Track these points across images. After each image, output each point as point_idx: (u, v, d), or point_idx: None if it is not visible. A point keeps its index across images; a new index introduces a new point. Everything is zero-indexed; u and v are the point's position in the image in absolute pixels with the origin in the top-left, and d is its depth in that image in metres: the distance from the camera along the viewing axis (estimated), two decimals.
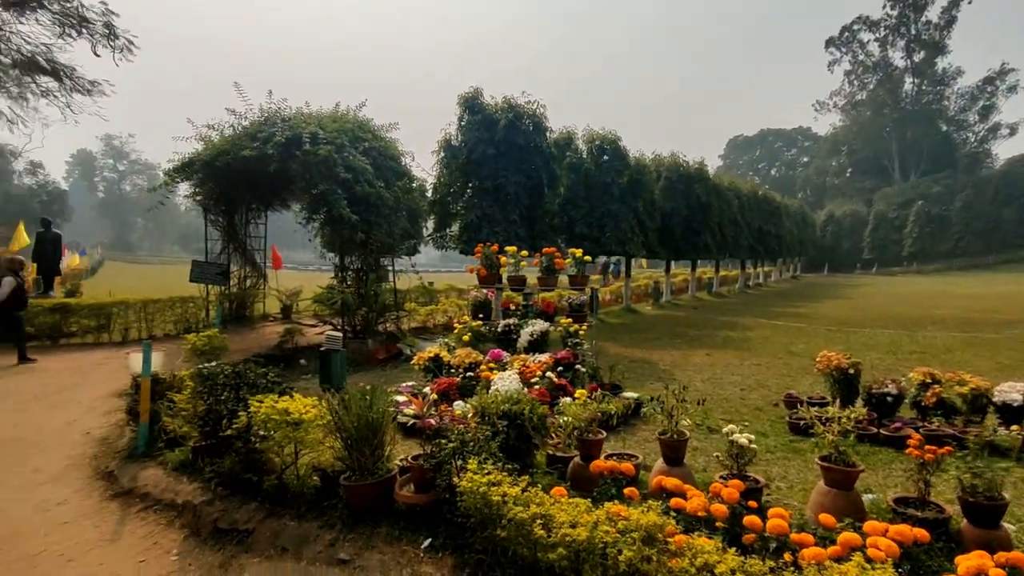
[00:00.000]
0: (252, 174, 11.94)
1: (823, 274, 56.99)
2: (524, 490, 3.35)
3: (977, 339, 13.24)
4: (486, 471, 3.47)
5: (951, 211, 58.47)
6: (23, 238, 19.22)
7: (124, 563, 3.93)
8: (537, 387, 6.48)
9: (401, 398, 6.53)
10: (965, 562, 2.77)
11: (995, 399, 5.85)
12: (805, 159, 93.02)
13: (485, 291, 9.95)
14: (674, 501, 3.42)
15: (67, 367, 9.94)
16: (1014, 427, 5.32)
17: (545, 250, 9.53)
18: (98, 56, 18.84)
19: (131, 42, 18.96)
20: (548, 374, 6.82)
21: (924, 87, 72.97)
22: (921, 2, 70.08)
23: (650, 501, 3.28)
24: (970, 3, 68.39)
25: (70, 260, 25.18)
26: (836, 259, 61.71)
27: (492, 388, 6.12)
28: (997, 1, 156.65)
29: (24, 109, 20.91)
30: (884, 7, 72.48)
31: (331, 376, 7.77)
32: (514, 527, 3.15)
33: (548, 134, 16.46)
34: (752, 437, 4.08)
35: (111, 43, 18.64)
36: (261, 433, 4.44)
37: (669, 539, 2.95)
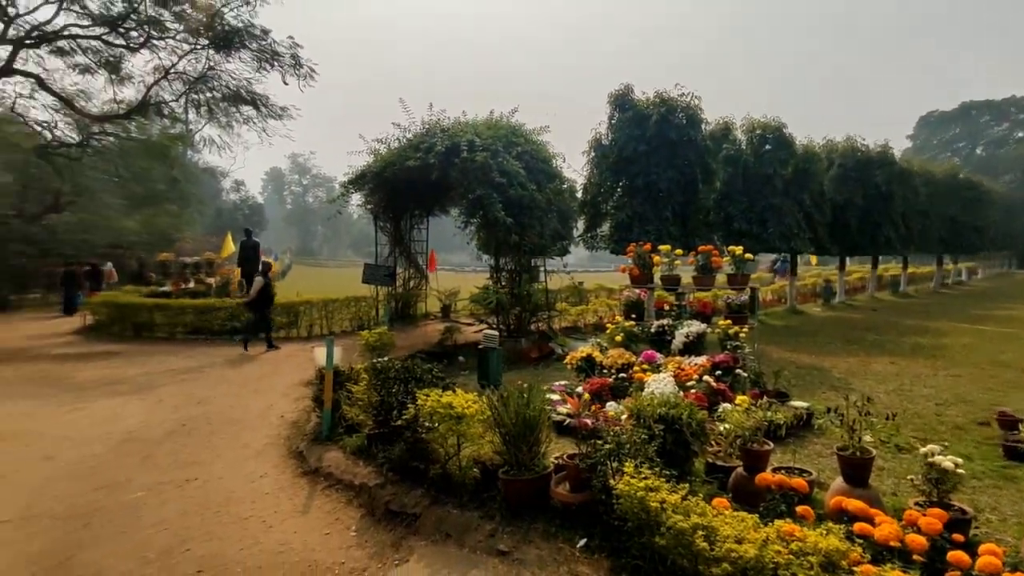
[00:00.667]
0: (416, 182, 12.81)
1: None
2: (684, 498, 3.21)
3: None
4: (643, 475, 3.38)
5: None
6: (229, 246, 22.41)
7: (312, 533, 4.41)
8: (694, 391, 6.18)
9: (555, 396, 6.59)
10: None
11: None
12: (1020, 134, 78.52)
13: (637, 291, 9.73)
14: (858, 526, 3.06)
15: (265, 359, 11.41)
16: None
17: (701, 248, 9.09)
18: (286, 84, 21.51)
19: (312, 70, 21.37)
20: (705, 378, 6.49)
21: None
22: None
23: (828, 523, 2.98)
24: None
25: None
26: None
27: (646, 390, 5.96)
28: None
29: (230, 135, 24.40)
30: None
31: (489, 373, 8.08)
32: (673, 536, 3.03)
33: (704, 126, 15.67)
34: (959, 460, 3.53)
35: (296, 72, 21.17)
36: (427, 425, 4.74)
37: (854, 568, 2.66)
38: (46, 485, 5.29)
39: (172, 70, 21.04)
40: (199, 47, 20.51)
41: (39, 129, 24.09)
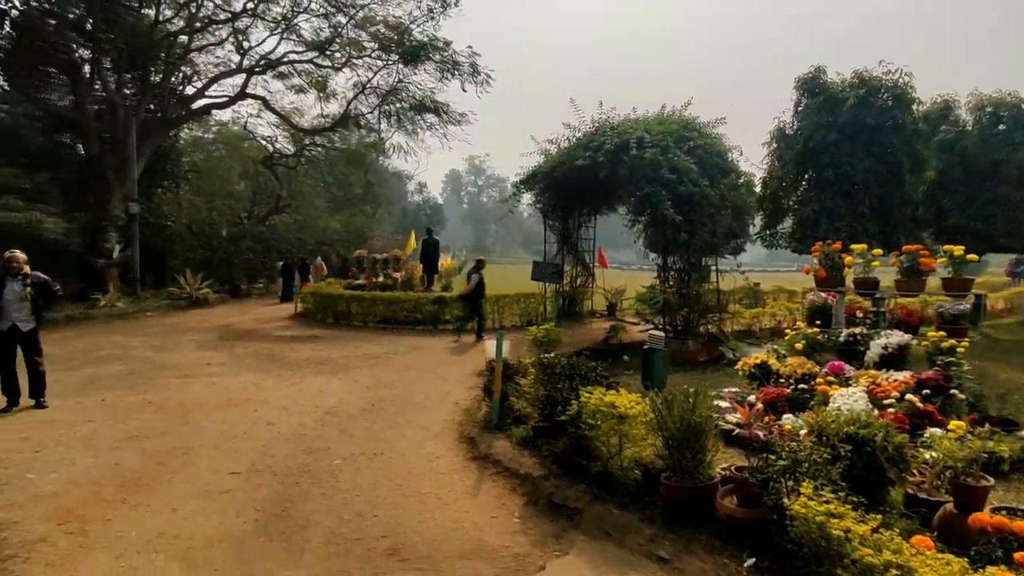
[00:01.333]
0: (584, 181, 12.92)
1: None
2: (875, 530, 2.88)
3: None
4: (823, 498, 3.09)
5: None
6: (412, 243, 24.45)
7: (481, 515, 4.70)
8: (892, 411, 5.48)
9: (723, 404, 6.27)
10: None
11: None
12: None
13: (824, 295, 8.84)
14: None
15: (444, 347, 12.31)
16: None
17: (906, 248, 7.98)
18: (465, 92, 22.95)
19: (489, 76, 22.54)
20: (908, 396, 5.70)
21: None
22: None
23: None
24: None
25: (445, 261, 31.03)
26: None
27: (831, 405, 5.42)
28: None
29: (415, 141, 26.69)
30: None
31: (652, 374, 7.92)
32: (860, 572, 2.73)
33: (915, 107, 13.71)
34: None
35: (474, 79, 22.47)
36: (590, 422, 4.79)
37: None
38: (268, 446, 6.26)
39: (368, 85, 23.55)
40: (390, 63, 22.69)
41: (264, 143, 28.53)
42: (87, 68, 18.67)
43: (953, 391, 6.03)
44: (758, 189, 15.38)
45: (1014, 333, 14.31)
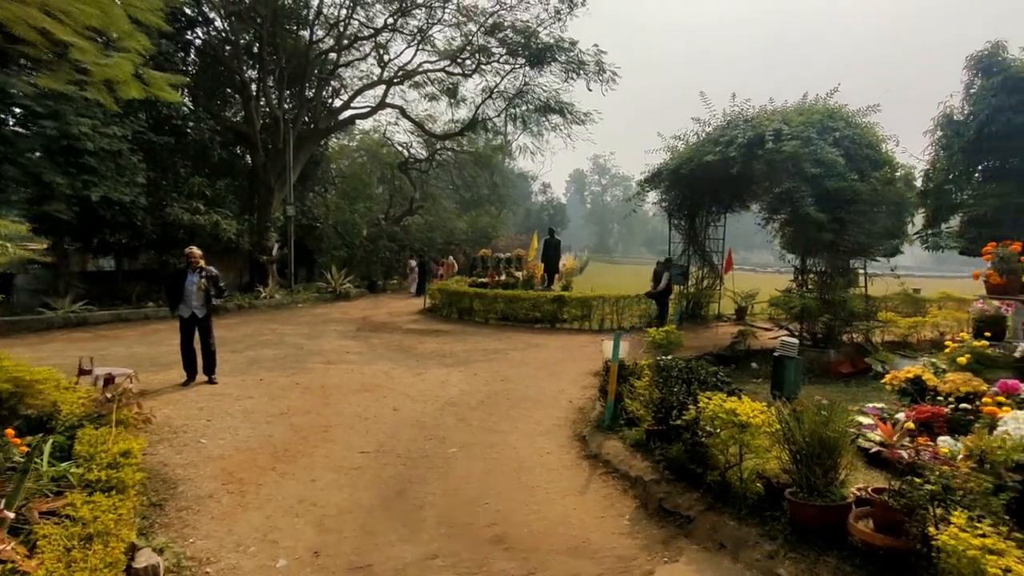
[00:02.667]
0: (714, 178, 12.32)
1: None
2: None
3: None
4: (979, 532, 2.67)
5: None
6: (535, 245, 24.75)
7: (588, 514, 4.63)
8: None
9: (866, 420, 5.67)
10: None
11: None
12: None
13: (996, 303, 7.67)
14: None
15: (561, 346, 12.33)
16: None
17: None
18: (590, 91, 22.78)
19: (615, 74, 22.19)
20: None
21: None
22: None
23: None
24: None
25: (567, 261, 31.07)
26: None
27: (998, 429, 4.68)
28: None
29: (540, 142, 26.98)
30: None
31: (783, 384, 7.36)
32: None
33: None
34: None
35: (600, 78, 22.23)
36: (707, 429, 4.54)
37: None
38: (394, 430, 6.64)
39: (495, 89, 24.18)
40: (517, 66, 23.11)
41: (400, 148, 30.37)
42: (255, 87, 21.00)
43: None
44: (918, 183, 13.72)
45: None
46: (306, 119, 22.82)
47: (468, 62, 23.66)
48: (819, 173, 9.91)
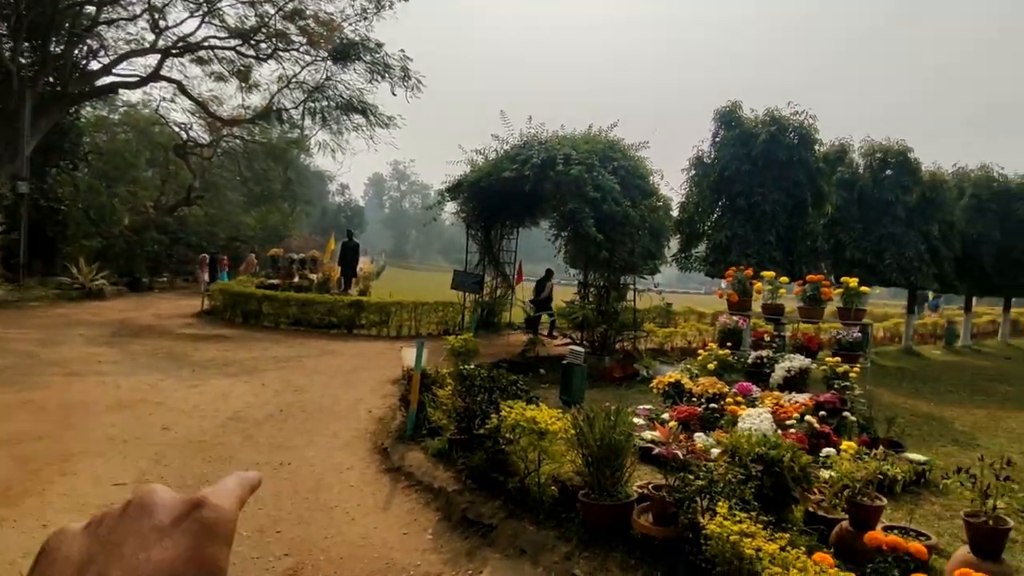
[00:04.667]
0: (509, 193, 12.94)
1: None
2: (783, 548, 2.96)
3: None
4: (737, 518, 3.16)
5: None
6: (332, 246, 23.67)
7: (391, 531, 4.50)
8: (793, 431, 5.78)
9: (639, 421, 6.39)
10: None
11: None
12: None
13: (735, 318, 9.28)
14: None
15: (358, 353, 11.88)
16: None
17: (810, 277, 8.53)
18: (395, 95, 22.55)
19: (420, 81, 22.28)
20: (808, 418, 6.04)
21: None
22: None
23: None
24: None
25: (364, 265, 30.23)
26: None
27: (740, 425, 5.64)
28: None
29: (340, 141, 25.87)
30: None
31: (571, 389, 7.97)
32: None
33: (817, 147, 14.80)
34: None
35: (405, 84, 22.14)
36: (508, 437, 4.71)
37: None
38: (162, 453, 5.74)
39: (294, 79, 22.65)
40: (319, 59, 21.94)
41: (177, 130, 26.74)
42: None
43: (846, 413, 6.45)
44: (675, 213, 16.02)
45: (896, 361, 15.66)
46: (50, 79, 18.95)
47: (264, 45, 21.80)
48: (599, 197, 10.99)
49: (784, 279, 8.85)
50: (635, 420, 6.45)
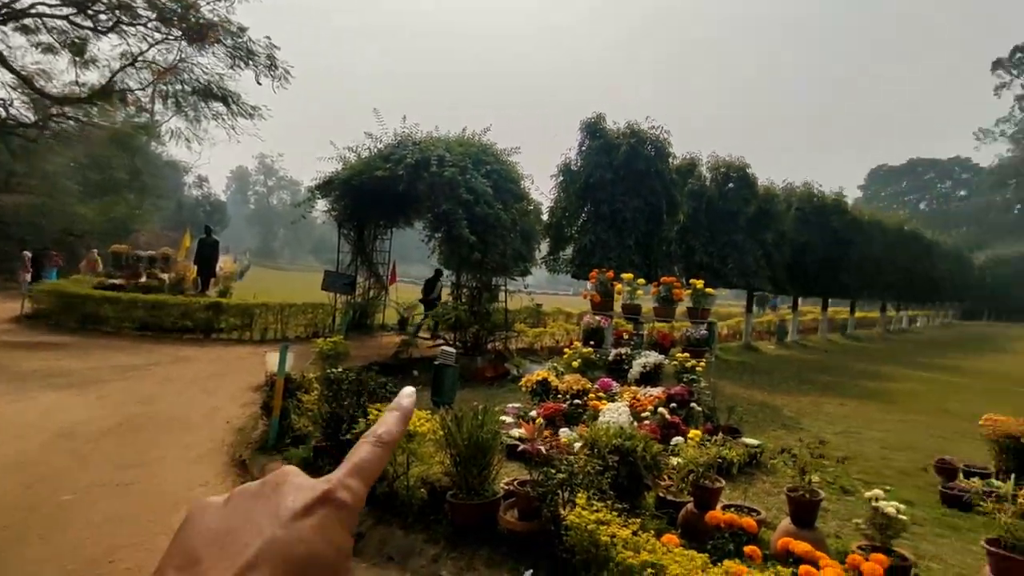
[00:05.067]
0: (383, 193, 12.73)
1: (983, 321, 50.52)
2: (635, 533, 3.22)
3: None
4: (595, 508, 3.38)
5: None
6: (187, 242, 21.77)
7: None
8: (648, 422, 6.26)
9: (508, 419, 6.58)
10: None
11: None
12: (962, 193, 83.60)
13: (598, 318, 9.84)
14: (803, 569, 3.11)
15: (216, 359, 11.06)
16: None
17: (664, 279, 9.27)
18: (260, 84, 21.20)
19: (287, 72, 21.14)
20: (660, 410, 6.57)
21: None
22: None
23: (778, 567, 3.03)
24: None
25: (225, 263, 28.12)
26: (1002, 305, 54.07)
27: (601, 419, 6.00)
28: None
29: (197, 130, 23.82)
30: None
31: (442, 390, 8.00)
32: (621, 573, 3.03)
33: (671, 160, 16.11)
34: (901, 506, 3.62)
35: (271, 73, 20.89)
36: None
37: None
38: None
39: (140, 58, 20.51)
40: (171, 37, 20.06)
41: None
42: None
43: (693, 404, 7.10)
44: (545, 217, 16.65)
45: (737, 355, 17.43)
46: None
47: (103, 16, 19.49)
48: (472, 199, 11.16)
49: (641, 281, 9.54)
50: (504, 418, 6.65)
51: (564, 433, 5.89)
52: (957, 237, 56.77)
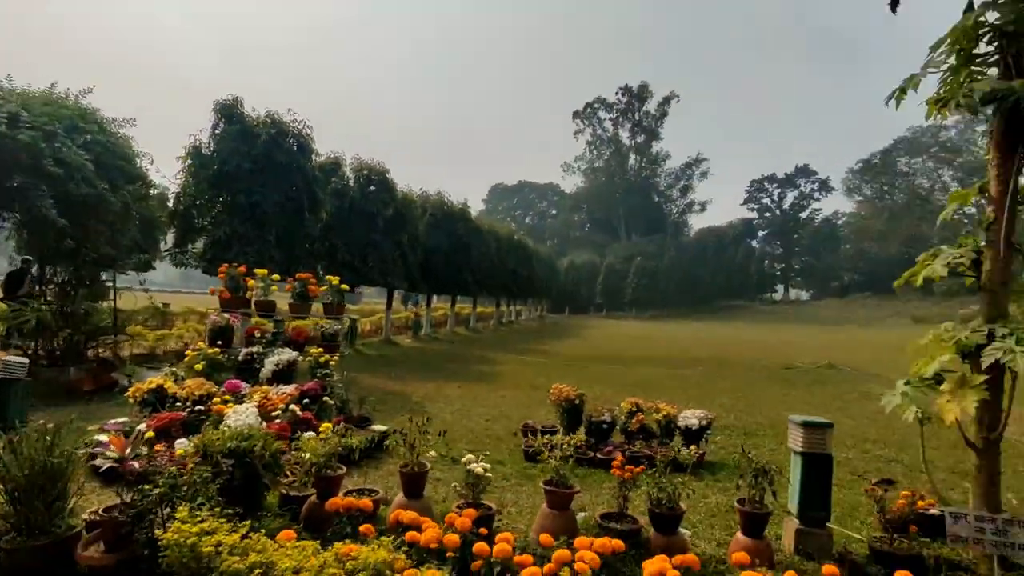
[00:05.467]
0: None
1: (564, 315, 64.04)
2: (244, 536, 3.03)
3: (676, 374, 16.04)
4: (199, 518, 3.06)
5: (660, 267, 70.91)
6: None
7: None
8: (278, 421, 6.02)
9: (105, 437, 5.49)
10: (649, 566, 3.18)
11: (680, 423, 7.09)
12: (554, 212, 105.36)
13: (228, 316, 9.01)
14: (409, 535, 3.40)
15: None
16: (692, 447, 6.49)
17: (299, 275, 9.05)
18: None
19: None
20: (292, 407, 6.38)
21: (643, 164, 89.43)
22: (643, 95, 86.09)
23: (384, 537, 3.23)
24: (678, 103, 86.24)
25: None
26: (575, 302, 69.80)
27: (225, 422, 5.51)
28: (699, 103, 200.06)
29: None
30: (616, 93, 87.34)
31: (6, 413, 6.22)
32: None
33: (314, 157, 15.86)
34: (488, 466, 4.29)
35: None
36: None
37: (399, 574, 2.93)
38: None
39: None
40: None
41: None
42: None
43: (326, 398, 7.13)
44: (171, 204, 14.49)
45: (378, 350, 18.21)
46: None
47: None
48: (62, 174, 9.07)
49: (276, 276, 9.13)
50: (100, 437, 5.58)
51: (181, 444, 5.24)
52: (549, 247, 71.12)
